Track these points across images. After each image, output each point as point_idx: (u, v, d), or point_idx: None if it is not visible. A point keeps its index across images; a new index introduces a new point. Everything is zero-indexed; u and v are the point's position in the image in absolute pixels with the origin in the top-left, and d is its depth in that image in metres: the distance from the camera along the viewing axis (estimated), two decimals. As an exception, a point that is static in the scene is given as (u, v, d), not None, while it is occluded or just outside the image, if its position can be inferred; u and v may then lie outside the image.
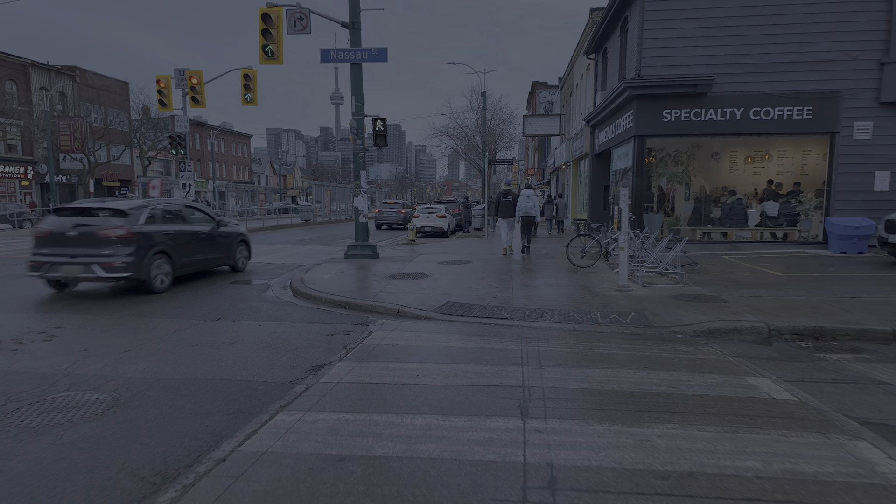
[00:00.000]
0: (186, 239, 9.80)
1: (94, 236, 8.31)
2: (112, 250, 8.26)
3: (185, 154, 20.92)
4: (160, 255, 8.98)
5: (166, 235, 9.22)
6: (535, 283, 9.44)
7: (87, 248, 8.27)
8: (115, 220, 8.50)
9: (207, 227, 10.63)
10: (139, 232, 8.60)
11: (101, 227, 8.38)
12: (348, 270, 11.08)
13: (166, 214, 9.59)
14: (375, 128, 13.52)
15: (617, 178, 16.03)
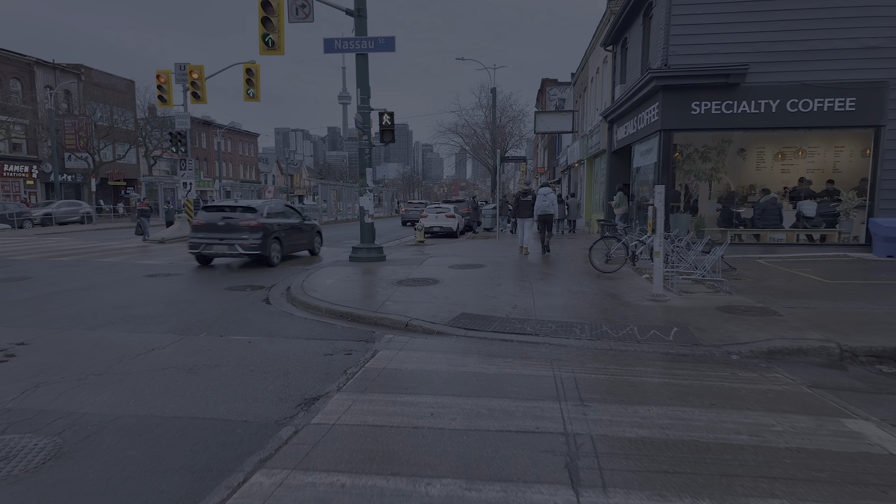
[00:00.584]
0: (288, 229, 13.14)
1: (235, 225, 11.78)
2: (247, 235, 11.69)
3: (185, 152, 20.20)
4: (275, 240, 12.37)
5: (279, 226, 12.61)
6: (556, 290, 8.56)
7: (231, 233, 11.74)
8: (249, 215, 11.91)
9: (297, 221, 13.81)
10: (264, 223, 11.97)
11: (240, 219, 11.82)
12: (352, 275, 10.24)
13: (276, 211, 12.97)
14: (382, 123, 12.69)
15: (639, 176, 15.10)
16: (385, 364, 4.99)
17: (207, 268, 12.26)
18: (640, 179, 15.30)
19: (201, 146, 65.57)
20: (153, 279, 10.43)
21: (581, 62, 26.43)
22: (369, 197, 12.78)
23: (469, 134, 37.66)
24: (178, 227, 19.92)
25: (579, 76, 27.56)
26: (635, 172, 15.57)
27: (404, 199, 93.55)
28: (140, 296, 8.64)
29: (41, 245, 18.13)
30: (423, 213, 22.52)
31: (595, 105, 22.00)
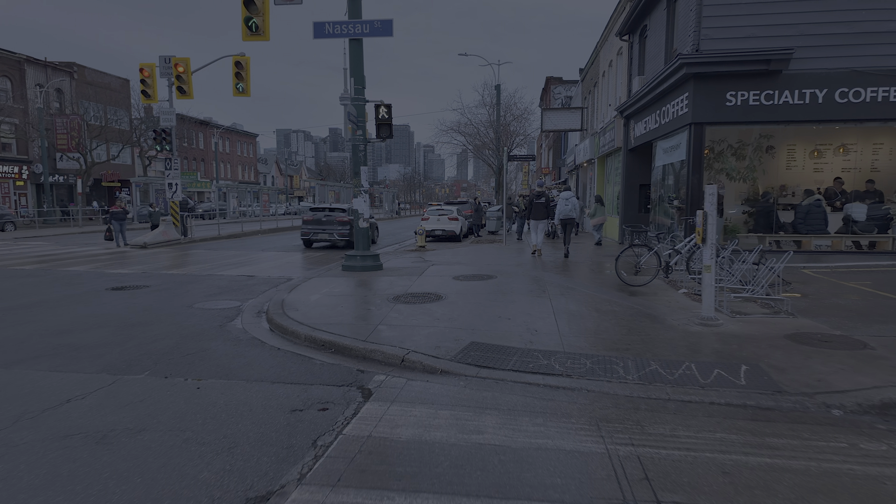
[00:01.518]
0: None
1: (334, 221, 16.96)
2: (342, 228, 16.85)
3: (170, 150, 18.91)
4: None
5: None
6: (582, 309, 7.22)
7: (331, 226, 16.93)
8: (342, 213, 17.04)
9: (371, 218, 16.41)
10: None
11: (337, 216, 16.98)
12: (343, 288, 8.91)
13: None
14: (379, 116, 11.37)
15: (663, 175, 13.75)
16: (371, 429, 3.66)
17: (186, 279, 10.94)
18: (662, 179, 13.96)
19: (198, 147, 64.40)
20: (116, 293, 9.12)
21: (591, 57, 25.10)
22: (364, 198, 11.46)
23: (472, 133, 36.34)
24: (163, 231, 18.62)
25: (588, 72, 26.23)
26: (657, 171, 14.23)
27: (403, 201, 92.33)
28: (90, 316, 7.32)
29: (11, 251, 16.84)
30: (424, 215, 21.19)
31: (607, 100, 20.67)
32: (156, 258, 14.62)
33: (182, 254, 15.88)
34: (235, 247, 18.27)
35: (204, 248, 17.54)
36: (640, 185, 16.83)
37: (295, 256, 15.38)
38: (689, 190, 11.02)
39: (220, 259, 14.47)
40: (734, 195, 12.05)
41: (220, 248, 17.90)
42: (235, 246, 18.63)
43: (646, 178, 16.66)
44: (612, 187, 19.71)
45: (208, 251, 16.62)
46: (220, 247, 18.24)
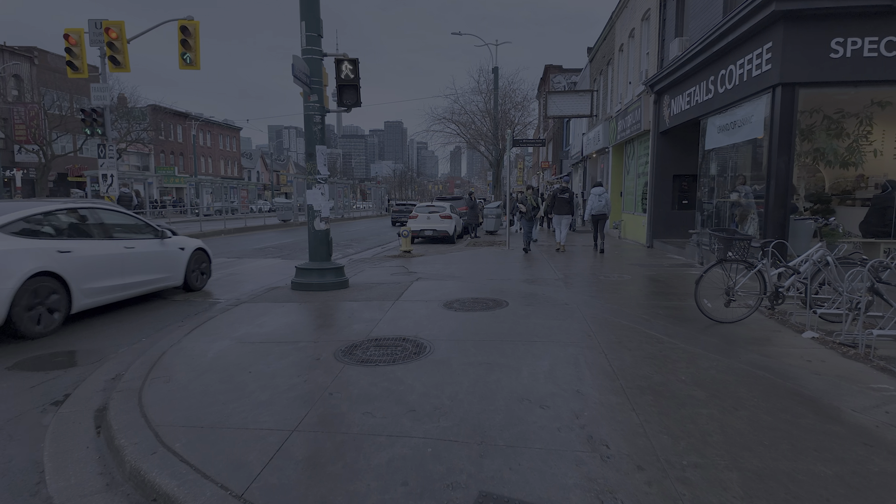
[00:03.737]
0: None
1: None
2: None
3: (103, 134, 15.61)
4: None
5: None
6: (669, 378, 4.09)
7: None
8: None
9: None
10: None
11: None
12: (275, 325, 5.73)
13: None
14: (342, 75, 8.20)
15: (717, 161, 10.65)
16: None
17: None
18: (716, 166, 10.87)
19: (177, 140, 60.89)
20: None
21: (602, 32, 21.99)
22: (322, 191, 8.28)
23: (466, 122, 33.12)
24: (93, 232, 15.28)
25: (599, 49, 23.11)
26: (706, 157, 11.13)
27: (395, 198, 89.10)
28: None
29: None
30: (412, 213, 18.04)
31: (627, 78, 17.57)
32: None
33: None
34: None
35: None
36: (675, 175, 13.76)
37: (246, 266, 12.17)
38: (772, 178, 7.94)
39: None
40: (821, 184, 9.03)
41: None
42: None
43: (684, 166, 13.59)
44: (635, 179, 16.63)
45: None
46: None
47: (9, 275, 5.49)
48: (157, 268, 7.73)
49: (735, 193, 10.10)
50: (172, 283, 8.13)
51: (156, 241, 7.81)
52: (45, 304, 5.91)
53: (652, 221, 13.96)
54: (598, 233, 13.24)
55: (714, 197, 10.81)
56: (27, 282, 5.65)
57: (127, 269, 7.12)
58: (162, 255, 7.83)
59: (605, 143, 20.04)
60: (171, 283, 8.10)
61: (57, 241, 6.24)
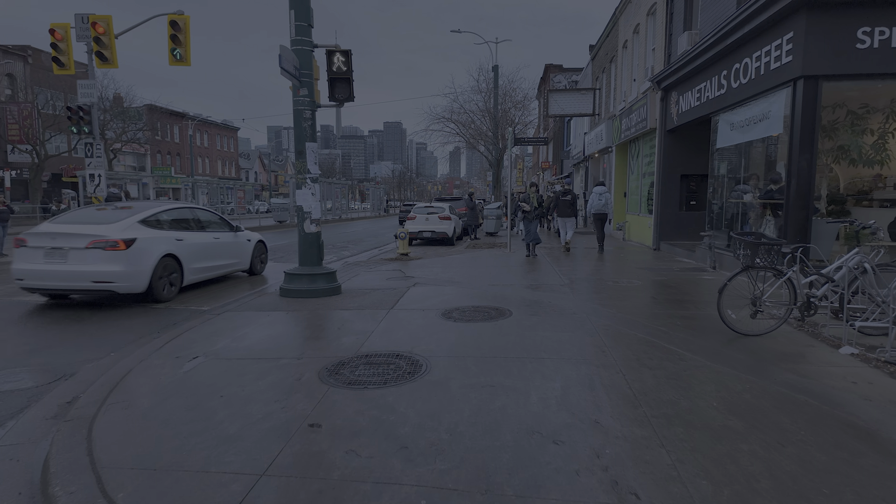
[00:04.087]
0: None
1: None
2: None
3: (90, 132, 15.08)
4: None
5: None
6: (699, 404, 3.58)
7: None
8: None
9: None
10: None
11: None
12: (258, 338, 5.21)
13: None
14: (333, 67, 7.70)
15: (730, 160, 10.14)
16: None
17: (32, 311, 7.21)
18: (728, 165, 10.37)
19: (173, 140, 60.35)
20: None
21: (605, 29, 21.51)
22: (312, 191, 7.77)
23: (465, 122, 32.60)
24: (79, 234, 14.74)
25: (602, 47, 22.62)
26: (717, 155, 10.63)
27: (393, 198, 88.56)
28: None
29: None
30: (410, 213, 17.53)
31: (632, 75, 17.07)
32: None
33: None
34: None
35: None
36: (683, 175, 13.26)
37: (235, 269, 11.63)
38: (793, 177, 7.43)
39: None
40: (835, 184, 8.53)
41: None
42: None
43: (692, 165, 13.10)
44: (640, 179, 16.12)
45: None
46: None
47: (150, 255, 7.37)
48: (233, 255, 9.50)
49: (748, 194, 9.61)
50: (241, 268, 9.92)
51: (231, 234, 9.55)
52: (169, 279, 7.74)
53: (659, 223, 13.45)
54: (600, 232, 13.56)
55: (722, 197, 10.30)
56: (160, 260, 7.50)
57: (215, 254, 8.93)
58: (236, 245, 9.59)
59: (608, 143, 19.55)
60: (241, 267, 9.87)
61: (174, 232, 8.05)
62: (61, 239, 7.05)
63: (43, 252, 7.02)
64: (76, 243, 6.98)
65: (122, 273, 7.04)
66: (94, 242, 6.95)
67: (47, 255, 7.01)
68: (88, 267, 6.93)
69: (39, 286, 7.16)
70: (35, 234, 7.20)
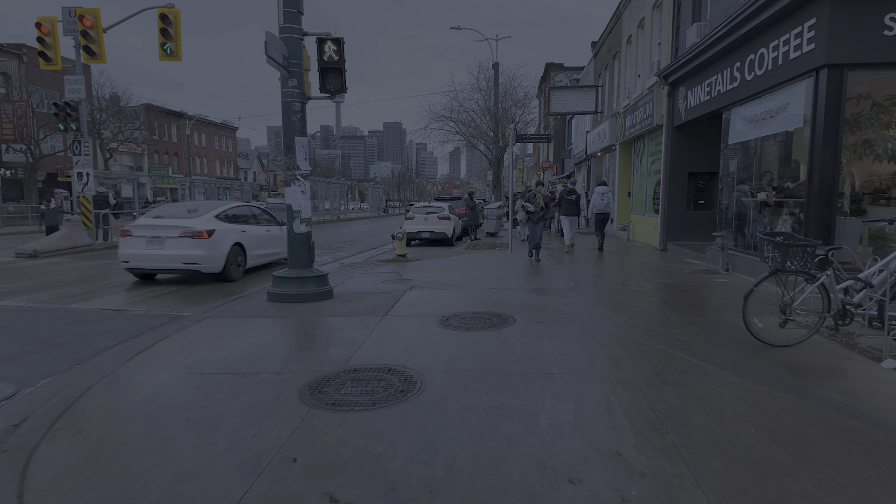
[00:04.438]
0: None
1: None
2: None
3: (77, 129, 14.61)
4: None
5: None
6: (731, 430, 3.10)
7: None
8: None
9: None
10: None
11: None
12: (236, 348, 4.73)
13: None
14: (325, 57, 7.23)
15: (742, 156, 9.67)
16: None
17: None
18: (737, 162, 9.90)
19: (171, 140, 59.86)
20: None
21: (607, 25, 21.04)
22: (302, 188, 7.29)
23: (465, 120, 32.11)
24: (66, 235, 14.31)
25: (605, 43, 22.15)
26: (728, 152, 10.16)
27: (393, 199, 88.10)
28: None
29: None
30: (409, 213, 17.07)
31: (636, 70, 16.60)
32: (13, 275, 10.37)
33: (70, 266, 11.63)
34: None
35: (115, 258, 13.26)
36: (691, 173, 12.79)
37: (225, 270, 11.16)
38: (815, 174, 6.96)
39: (113, 276, 10.26)
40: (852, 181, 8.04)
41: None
42: (161, 254, 14.36)
43: (700, 163, 12.63)
44: (645, 178, 15.65)
45: (113, 262, 12.38)
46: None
47: (225, 243, 9.04)
48: (278, 245, 11.02)
49: (763, 192, 9.14)
50: (284, 256, 11.25)
51: (277, 228, 11.10)
52: (237, 262, 9.45)
53: (665, 223, 12.98)
54: (598, 231, 13.53)
55: (733, 196, 9.82)
56: (231, 248, 9.13)
57: (268, 244, 10.63)
58: (280, 237, 11.04)
59: (611, 141, 19.07)
60: (284, 255, 11.23)
61: (239, 226, 9.73)
62: (159, 230, 8.84)
63: (145, 240, 8.85)
64: (171, 233, 8.80)
65: (206, 256, 8.81)
66: (184, 232, 8.75)
67: (148, 242, 8.85)
68: (180, 251, 8.73)
69: (142, 266, 8.98)
70: (137, 226, 9.00)
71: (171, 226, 8.89)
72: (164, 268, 8.94)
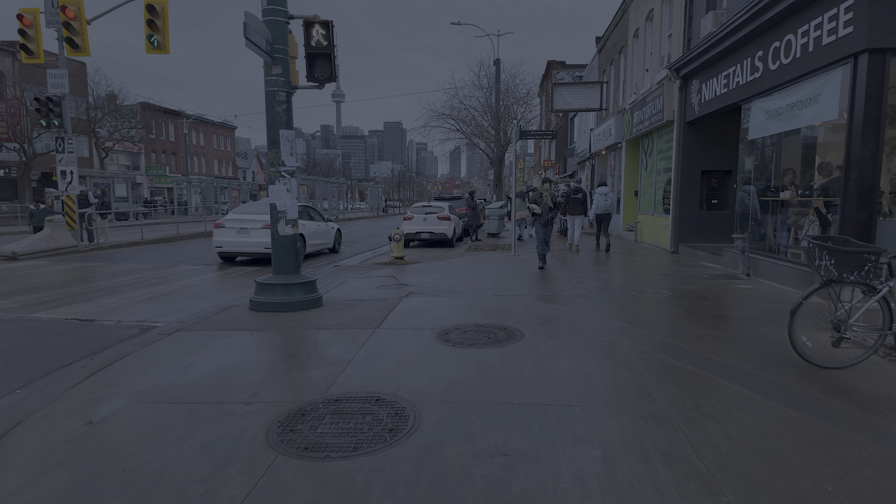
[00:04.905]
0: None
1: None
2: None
3: (60, 125, 13.97)
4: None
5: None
6: (812, 488, 2.46)
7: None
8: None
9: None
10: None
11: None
12: (208, 366, 4.08)
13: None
14: (312, 41, 6.59)
15: (763, 152, 9.02)
16: None
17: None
18: (755, 159, 9.25)
19: (168, 139, 59.23)
20: None
21: (613, 19, 20.39)
22: (288, 186, 6.65)
23: (466, 119, 31.45)
24: (49, 236, 13.68)
25: (610, 38, 21.50)
26: (747, 148, 9.51)
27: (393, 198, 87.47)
28: None
29: None
30: (407, 214, 16.44)
31: (644, 65, 15.94)
32: (9, 278, 9.74)
33: (49, 269, 10.99)
34: (147, 257, 13.39)
35: (98, 260, 12.65)
36: (704, 170, 12.15)
37: (209, 276, 10.53)
38: (852, 171, 6.31)
39: (92, 280, 9.63)
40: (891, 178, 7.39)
41: (124, 258, 13.02)
42: (148, 256, 13.75)
43: (714, 160, 12.00)
44: (654, 176, 15.00)
45: (95, 264, 11.75)
46: (126, 257, 13.36)
47: None
48: (326, 237, 13.64)
49: (786, 191, 8.50)
50: (328, 247, 13.91)
51: (325, 224, 13.70)
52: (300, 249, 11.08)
53: (677, 224, 12.33)
54: (602, 232, 13.46)
55: (748, 194, 9.18)
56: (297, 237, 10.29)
57: (318, 235, 13.02)
58: (328, 230, 13.74)
59: (617, 138, 18.42)
60: (328, 246, 13.90)
61: (301, 220, 11.53)
62: (246, 223, 11.45)
63: (235, 230, 11.51)
64: (255, 225, 11.37)
65: None
66: (265, 225, 11.04)
67: (238, 232, 11.48)
68: (262, 239, 11.19)
69: (231, 250, 11.66)
70: (228, 220, 11.69)
71: (255, 220, 11.40)
72: (249, 252, 11.54)
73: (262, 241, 11.21)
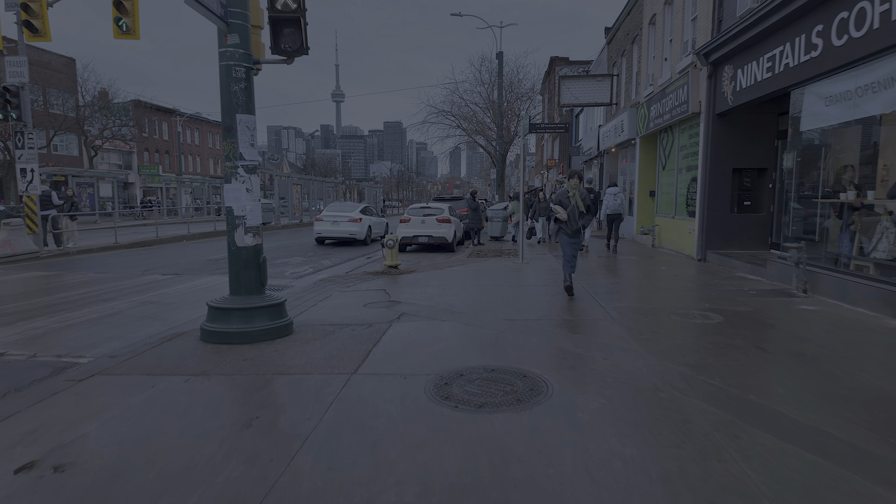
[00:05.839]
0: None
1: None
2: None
3: (19, 118, 12.61)
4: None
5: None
6: None
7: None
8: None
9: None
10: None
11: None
12: (71, 473, 2.75)
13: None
14: (277, 4, 5.25)
15: (820, 146, 7.66)
16: None
17: None
18: (797, 156, 7.89)
19: (162, 137, 57.79)
20: None
21: (624, 8, 19.02)
22: (248, 184, 5.29)
23: (466, 115, 30.07)
24: (6, 241, 12.32)
25: (621, 27, 20.13)
26: (797, 141, 8.14)
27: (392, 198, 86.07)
28: None
29: None
30: (404, 215, 15.11)
31: (663, 54, 14.58)
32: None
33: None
34: (113, 265, 12.03)
35: (56, 268, 11.29)
36: (735, 168, 10.80)
37: (179, 286, 9.17)
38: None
39: (33, 294, 8.26)
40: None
41: (87, 267, 11.66)
42: (115, 263, 12.38)
43: (747, 157, 10.66)
44: (675, 175, 13.63)
45: (49, 273, 10.39)
46: (90, 265, 12.00)
47: (364, 225, 17.14)
48: (382, 229, 19.13)
49: (844, 193, 7.16)
50: (380, 236, 18.38)
51: (378, 218, 19.07)
52: (369, 236, 17.55)
53: (705, 228, 10.97)
54: (613, 233, 13.41)
55: (796, 195, 7.82)
56: (367, 228, 17.37)
57: (379, 227, 18.82)
58: (381, 223, 19.28)
59: (630, 135, 17.06)
60: (381, 234, 18.64)
61: (367, 216, 17.60)
62: (337, 216, 16.76)
63: (330, 221, 16.76)
64: (343, 218, 16.73)
65: (358, 232, 16.77)
66: (350, 218, 16.68)
67: (332, 223, 16.75)
68: (348, 228, 16.68)
69: (326, 236, 16.88)
70: (325, 215, 16.99)
71: (343, 215, 16.74)
72: (338, 237, 16.75)
73: (347, 229, 16.57)
